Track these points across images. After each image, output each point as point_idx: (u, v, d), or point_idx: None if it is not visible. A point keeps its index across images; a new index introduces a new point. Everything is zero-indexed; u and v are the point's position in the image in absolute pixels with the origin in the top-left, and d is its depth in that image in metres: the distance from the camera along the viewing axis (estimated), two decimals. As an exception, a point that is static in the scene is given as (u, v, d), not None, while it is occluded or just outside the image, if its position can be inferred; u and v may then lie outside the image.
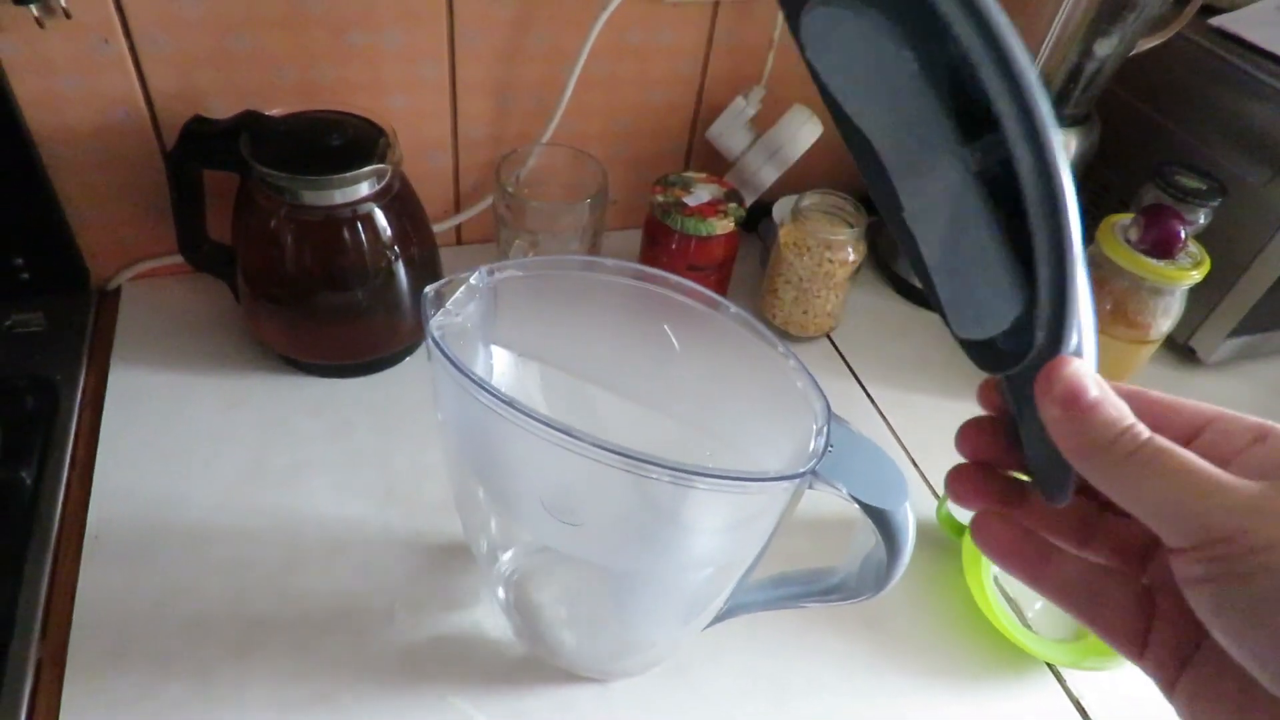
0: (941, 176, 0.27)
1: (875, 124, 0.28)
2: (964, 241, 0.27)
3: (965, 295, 0.28)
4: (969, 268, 0.27)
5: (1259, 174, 0.68)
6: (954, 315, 0.28)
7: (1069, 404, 0.24)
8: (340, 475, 0.57)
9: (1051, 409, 0.25)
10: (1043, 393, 0.25)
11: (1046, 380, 0.25)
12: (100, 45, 0.57)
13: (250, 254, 0.60)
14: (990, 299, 0.27)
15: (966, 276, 0.27)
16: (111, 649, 0.47)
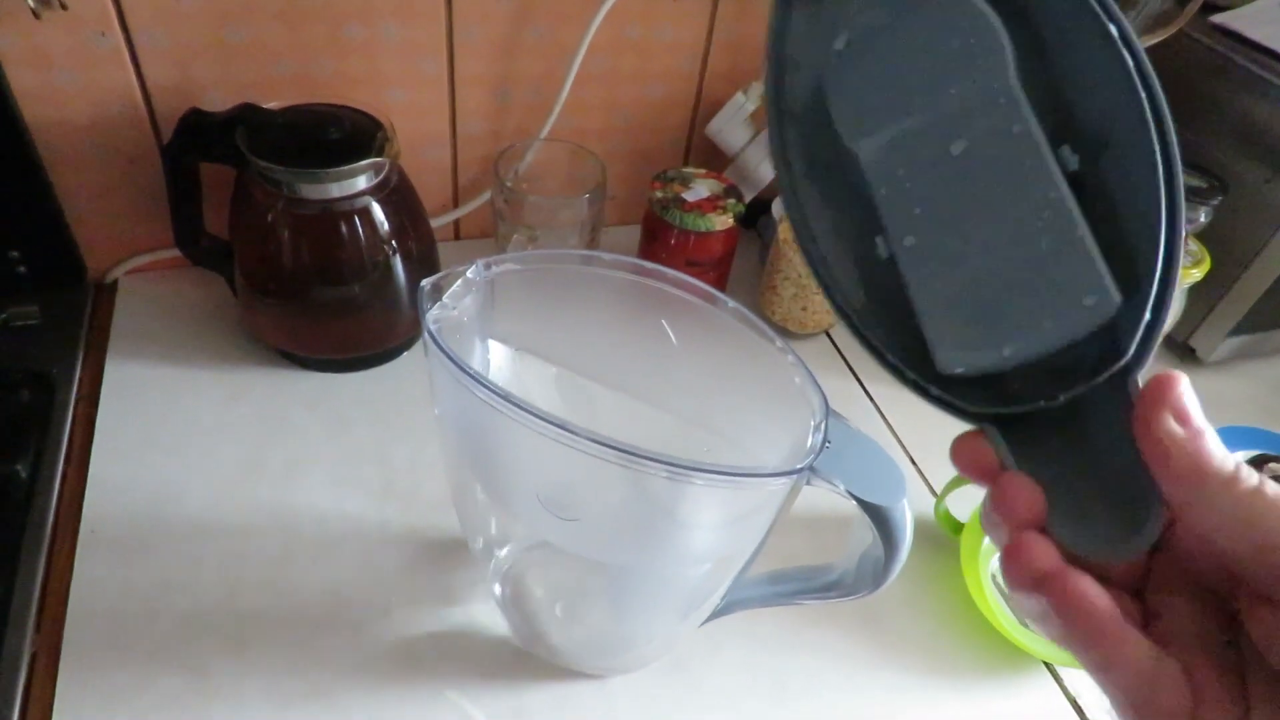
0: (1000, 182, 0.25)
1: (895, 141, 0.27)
2: (1013, 253, 0.25)
3: (978, 320, 0.26)
4: (1007, 283, 0.25)
5: (1260, 172, 0.68)
6: (950, 347, 0.26)
7: (1187, 421, 0.22)
8: (337, 470, 0.57)
9: (1169, 426, 0.22)
10: (1156, 407, 0.22)
11: (1161, 393, 0.22)
12: (97, 38, 0.57)
13: (247, 248, 0.60)
14: (1035, 316, 0.25)
15: (996, 295, 0.25)
16: (106, 642, 0.47)
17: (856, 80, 0.27)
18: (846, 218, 0.28)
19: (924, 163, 0.26)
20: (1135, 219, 0.24)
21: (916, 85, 0.26)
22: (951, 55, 0.26)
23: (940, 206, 0.26)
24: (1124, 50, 0.24)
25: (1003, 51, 0.25)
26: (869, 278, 0.28)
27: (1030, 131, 0.25)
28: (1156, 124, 0.24)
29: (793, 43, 0.29)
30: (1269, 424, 0.71)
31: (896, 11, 0.27)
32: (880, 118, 0.27)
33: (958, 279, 0.26)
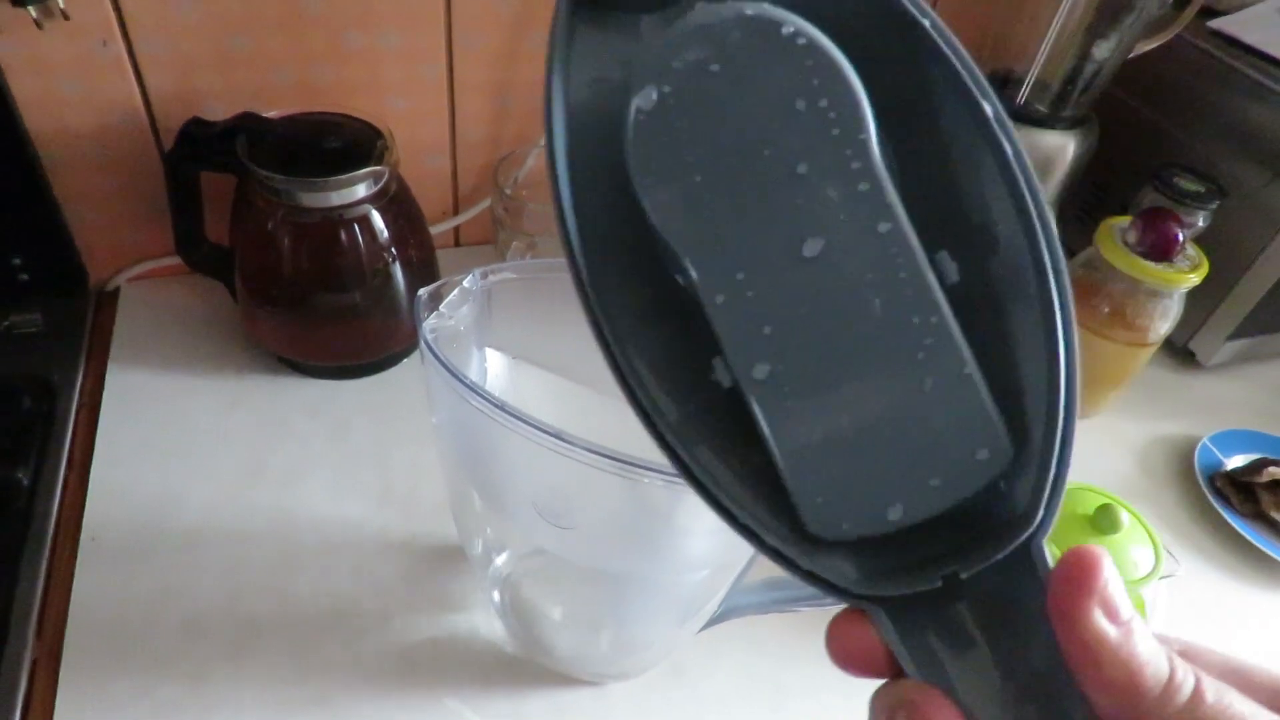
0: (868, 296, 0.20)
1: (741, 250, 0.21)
2: (890, 391, 0.21)
3: (855, 474, 0.21)
4: (886, 429, 0.21)
5: (1258, 176, 0.68)
6: (822, 507, 0.21)
7: (1116, 615, 0.18)
8: (337, 477, 0.58)
9: (1097, 624, 0.18)
10: (1079, 597, 0.18)
11: (1083, 578, 0.18)
12: (99, 47, 0.57)
13: (248, 255, 0.60)
14: (920, 471, 0.21)
15: (874, 443, 0.21)
16: (107, 649, 0.47)
17: (671, 149, 0.20)
18: (673, 331, 0.22)
19: (770, 266, 0.20)
20: (1024, 348, 0.21)
21: (753, 159, 0.20)
22: (799, 121, 0.20)
23: (797, 326, 0.21)
24: (1001, 137, 0.20)
25: (863, 121, 0.20)
26: (708, 411, 0.22)
27: (901, 231, 0.20)
28: (1043, 231, 0.20)
29: (582, 91, 0.23)
30: (1269, 428, 0.71)
31: (726, 54, 0.20)
32: (706, 203, 0.20)
33: (825, 421, 0.21)
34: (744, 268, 0.20)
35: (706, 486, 0.22)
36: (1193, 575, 0.60)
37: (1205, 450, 0.67)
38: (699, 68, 0.20)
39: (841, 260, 0.20)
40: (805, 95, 0.20)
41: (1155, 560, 0.51)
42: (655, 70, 0.20)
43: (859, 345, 0.21)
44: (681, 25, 0.20)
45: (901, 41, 0.22)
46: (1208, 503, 0.64)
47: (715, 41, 0.20)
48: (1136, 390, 0.73)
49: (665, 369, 0.22)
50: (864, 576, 0.22)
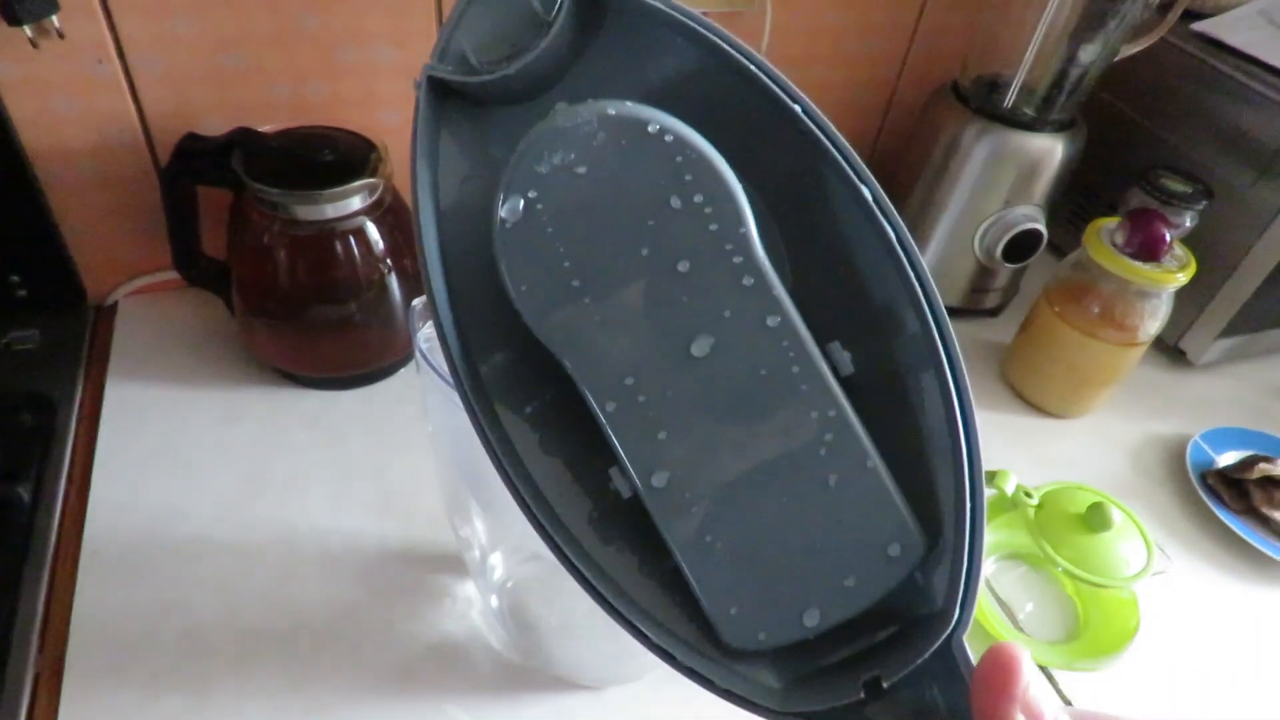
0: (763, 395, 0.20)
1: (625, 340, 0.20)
2: (795, 493, 0.20)
3: (767, 580, 0.20)
4: (794, 531, 0.20)
5: (1244, 176, 0.69)
6: (735, 618, 0.21)
7: (1039, 717, 0.18)
8: (336, 487, 0.58)
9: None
10: (1000, 700, 0.18)
11: (1003, 679, 0.18)
12: (94, 65, 0.58)
13: (244, 269, 0.61)
14: (833, 573, 0.20)
15: (783, 546, 0.20)
16: (109, 662, 0.47)
17: (544, 255, 0.20)
18: (566, 441, 0.22)
19: (659, 369, 0.20)
20: (927, 434, 0.20)
21: (631, 260, 0.19)
22: (675, 219, 0.19)
23: (692, 430, 0.20)
24: (882, 219, 0.20)
25: (741, 215, 0.19)
26: (614, 516, 0.22)
27: (790, 323, 0.19)
28: (933, 313, 0.20)
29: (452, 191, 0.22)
30: (1260, 425, 0.72)
31: (592, 156, 0.19)
32: (587, 307, 0.20)
33: (731, 529, 0.20)
34: (632, 372, 0.20)
35: (615, 606, 0.21)
36: (1185, 572, 0.61)
37: (1196, 448, 0.68)
38: (565, 171, 0.19)
39: (732, 357, 0.20)
40: (679, 192, 0.19)
41: (1147, 557, 0.52)
42: (521, 177, 0.19)
43: (758, 445, 0.20)
44: (543, 129, 0.19)
45: (778, 129, 0.21)
46: (1199, 500, 0.64)
47: (579, 143, 0.19)
48: (1128, 389, 0.73)
49: (568, 478, 0.22)
50: (785, 687, 0.21)
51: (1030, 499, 0.54)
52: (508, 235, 0.20)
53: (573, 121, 0.19)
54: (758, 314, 0.19)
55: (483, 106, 0.22)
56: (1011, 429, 0.70)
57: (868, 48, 0.78)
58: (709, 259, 0.19)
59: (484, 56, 0.21)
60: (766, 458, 0.20)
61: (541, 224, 0.19)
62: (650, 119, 0.19)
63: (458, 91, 0.21)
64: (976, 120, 0.69)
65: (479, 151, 0.22)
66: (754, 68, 0.20)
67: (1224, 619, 0.58)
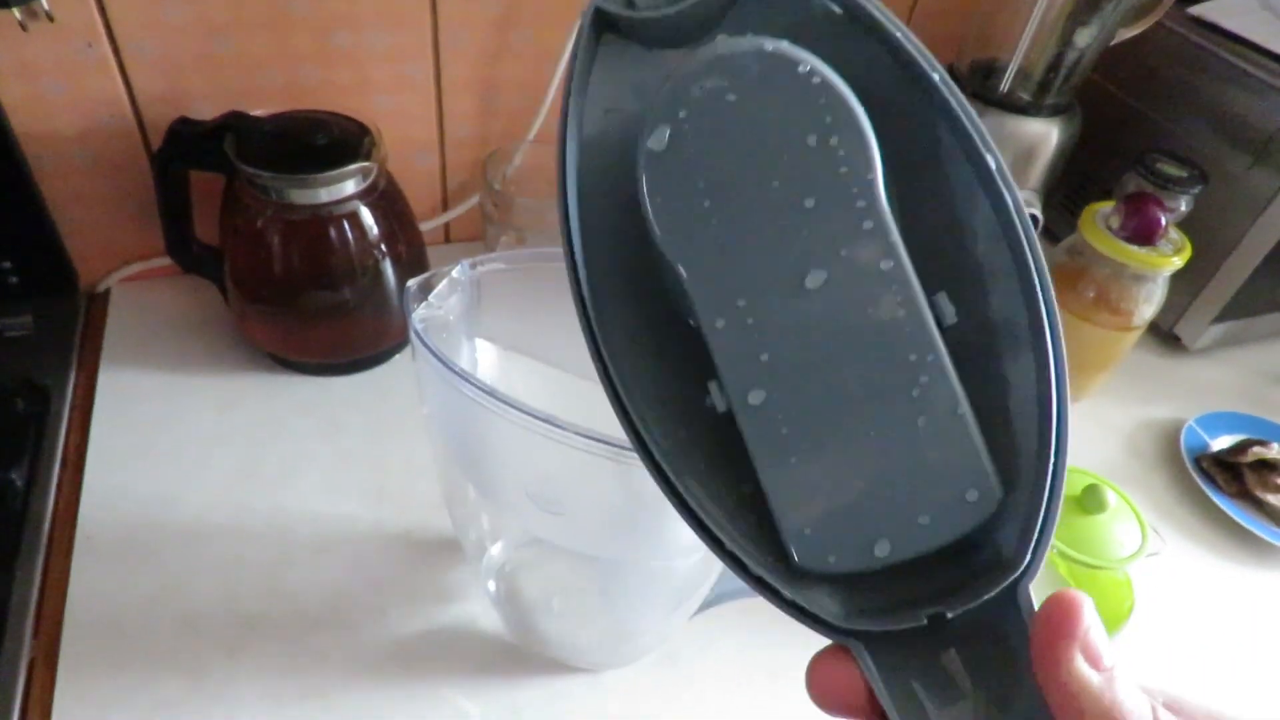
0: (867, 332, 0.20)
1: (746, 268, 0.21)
2: (884, 428, 0.21)
3: (844, 509, 0.21)
4: (877, 466, 0.21)
5: (1239, 161, 0.69)
6: (809, 540, 0.21)
7: (1098, 661, 0.18)
8: (331, 473, 0.58)
9: (1079, 670, 0.18)
10: (1060, 642, 0.18)
11: (1065, 623, 0.18)
12: (84, 49, 0.57)
13: (238, 254, 0.60)
14: (909, 510, 0.21)
15: (865, 479, 0.21)
16: (104, 648, 0.47)
17: (683, 173, 0.21)
18: (671, 352, 0.22)
19: (772, 295, 0.21)
20: (1017, 394, 0.21)
21: (762, 189, 0.20)
22: (809, 156, 0.20)
23: (794, 356, 0.21)
24: (1003, 189, 0.21)
25: (871, 161, 0.20)
26: (700, 434, 0.22)
27: (902, 269, 0.20)
28: (1039, 280, 0.21)
29: (596, 117, 0.23)
30: (1254, 409, 0.72)
31: (743, 85, 0.20)
32: (714, 228, 0.21)
33: (817, 454, 0.21)
34: (746, 294, 0.21)
35: (695, 513, 0.22)
36: (1179, 554, 0.61)
37: (1191, 432, 0.68)
38: (716, 95, 0.20)
39: (842, 294, 0.20)
40: (817, 132, 0.20)
41: (1141, 539, 0.52)
42: (676, 93, 0.20)
43: (855, 378, 0.21)
44: (703, 53, 0.20)
45: (912, 93, 0.22)
46: (1194, 483, 0.65)
47: (734, 72, 0.20)
48: (1123, 374, 0.74)
49: (661, 393, 0.22)
50: (848, 613, 0.21)
51: (1025, 482, 0.54)
52: (656, 148, 0.21)
53: (731, 50, 0.20)
54: (873, 256, 0.20)
55: (637, 44, 0.23)
56: (1007, 414, 0.70)
57: (863, 32, 0.78)
58: (835, 198, 0.20)
59: (645, 1, 0.23)
60: (861, 392, 0.21)
61: (685, 142, 0.21)
62: (802, 59, 0.20)
63: (616, 27, 0.23)
64: (972, 105, 0.69)
65: (627, 85, 0.23)
66: (899, 34, 0.22)
67: (1217, 601, 0.59)
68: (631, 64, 0.23)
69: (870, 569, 0.21)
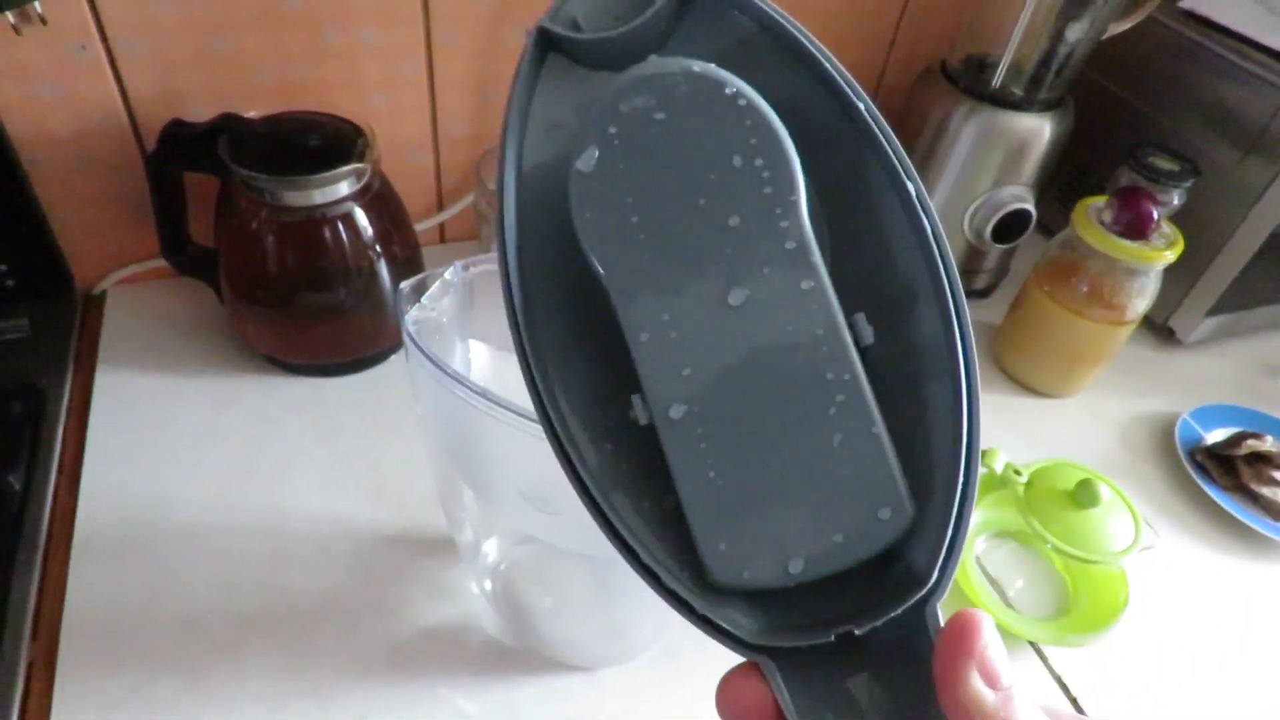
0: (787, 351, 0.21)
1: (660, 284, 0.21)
2: (800, 446, 0.21)
3: (760, 525, 0.21)
4: (793, 483, 0.21)
5: (1231, 154, 0.69)
6: (725, 555, 0.21)
7: (995, 680, 0.18)
8: (328, 473, 0.58)
9: (974, 688, 0.18)
10: (958, 660, 0.19)
11: (963, 642, 0.19)
12: (77, 51, 0.57)
13: (232, 256, 0.60)
14: (824, 527, 0.21)
15: (780, 495, 0.21)
16: (102, 649, 0.47)
17: (612, 190, 0.21)
18: (602, 366, 0.23)
19: (695, 311, 0.21)
20: (932, 416, 0.21)
21: (688, 208, 0.21)
22: (734, 176, 0.21)
23: (715, 372, 0.21)
24: (922, 215, 0.22)
25: (794, 183, 0.21)
26: (627, 447, 0.23)
27: (823, 289, 0.21)
28: (954, 305, 0.21)
29: (538, 135, 0.24)
30: (1248, 402, 0.72)
31: (671, 105, 0.21)
32: (641, 244, 0.21)
33: (735, 469, 0.21)
34: (670, 309, 0.21)
35: (613, 525, 0.22)
36: (1173, 547, 0.61)
37: (1185, 425, 0.68)
38: (644, 114, 0.21)
39: (764, 312, 0.21)
40: (742, 153, 0.21)
41: (1135, 533, 0.52)
42: (606, 110, 0.21)
43: (773, 395, 0.21)
44: (632, 72, 0.21)
45: (840, 120, 0.23)
46: (1188, 476, 0.65)
47: (662, 91, 0.21)
48: (1117, 368, 0.74)
49: (590, 407, 0.23)
50: (761, 630, 0.22)
51: (1019, 476, 0.54)
52: (580, 170, 0.21)
53: (660, 70, 0.21)
54: (795, 276, 0.21)
55: (580, 66, 0.24)
56: (1001, 408, 0.71)
57: (855, 28, 0.78)
58: (758, 218, 0.21)
59: (591, 24, 0.23)
60: (779, 409, 0.21)
61: (613, 160, 0.21)
62: (729, 82, 0.21)
63: (561, 48, 0.24)
64: (965, 100, 0.69)
65: (570, 105, 0.24)
66: (828, 65, 0.22)
67: (1212, 594, 0.59)
68: (575, 84, 0.24)
69: (785, 586, 0.21)
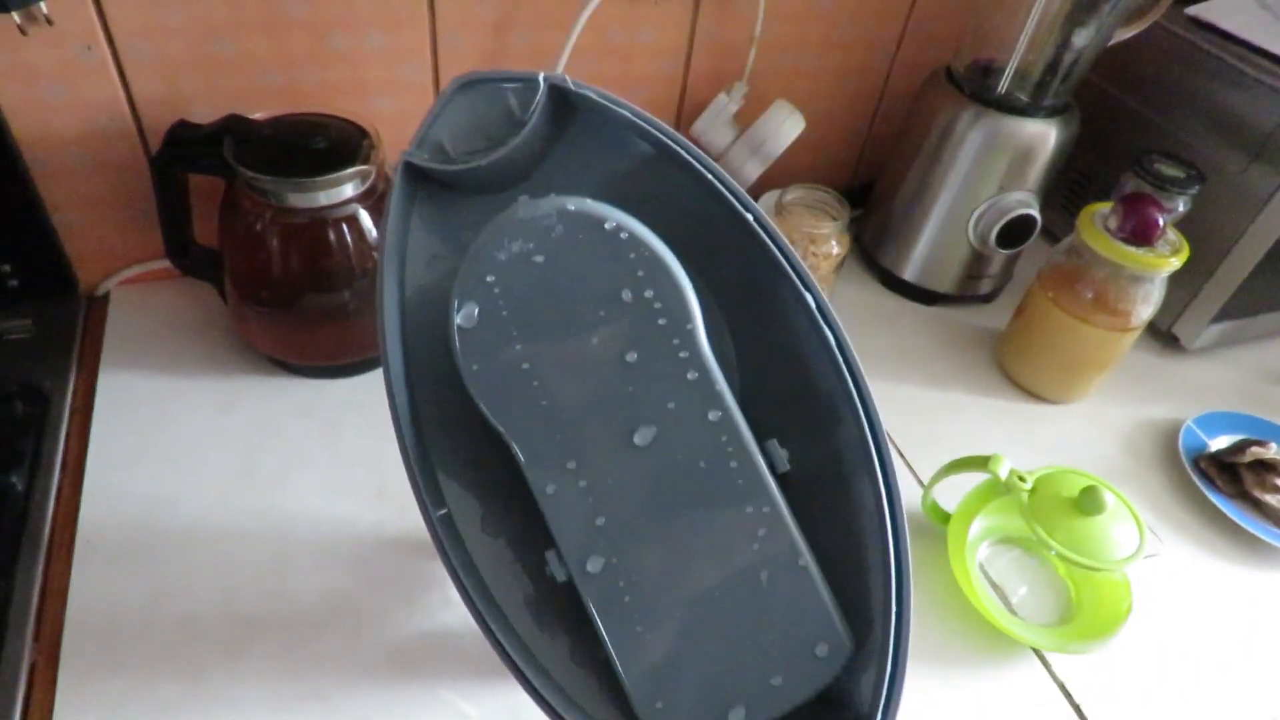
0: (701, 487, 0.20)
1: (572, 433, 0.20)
2: (727, 586, 0.20)
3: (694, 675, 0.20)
4: (724, 627, 0.20)
5: (1237, 161, 0.69)
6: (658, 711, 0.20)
7: None
8: (330, 475, 0.58)
9: None
10: None
11: None
12: (83, 52, 0.57)
13: (237, 257, 0.60)
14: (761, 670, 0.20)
15: (713, 642, 0.20)
16: (104, 650, 0.47)
17: (498, 339, 0.20)
18: (508, 522, 0.22)
19: (602, 455, 0.20)
20: (861, 536, 0.20)
21: (581, 348, 0.20)
22: (626, 311, 0.19)
23: (629, 518, 0.20)
24: (824, 326, 0.21)
25: (689, 311, 0.19)
26: (544, 608, 0.22)
27: (730, 419, 0.20)
28: (867, 418, 0.20)
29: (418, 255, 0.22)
30: (1252, 409, 0.72)
31: (550, 246, 0.20)
32: (535, 390, 0.20)
33: (662, 620, 0.20)
34: (575, 456, 0.20)
35: (540, 693, 0.21)
36: (1178, 555, 0.61)
37: (1189, 432, 0.68)
38: (523, 259, 0.20)
39: (673, 448, 0.20)
40: (631, 286, 0.20)
41: (1140, 540, 0.52)
42: (482, 262, 0.20)
43: (693, 537, 0.20)
44: (505, 219, 0.20)
45: (732, 232, 0.21)
46: (1192, 484, 0.65)
47: (538, 234, 0.20)
48: (1121, 375, 0.74)
49: (505, 562, 0.22)
50: None
51: (1024, 483, 0.54)
52: (463, 327, 0.20)
53: (533, 214, 0.20)
54: (700, 408, 0.20)
55: (454, 193, 0.23)
56: (1006, 414, 0.71)
57: (861, 33, 0.78)
58: (656, 351, 0.20)
59: (460, 148, 0.22)
60: (700, 550, 0.20)
61: (496, 310, 0.20)
62: (607, 216, 0.20)
63: (432, 177, 0.22)
64: (970, 106, 0.69)
65: (448, 233, 0.23)
66: (709, 174, 0.21)
67: (1216, 602, 0.59)
68: (452, 211, 0.23)
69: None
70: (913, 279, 0.77)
